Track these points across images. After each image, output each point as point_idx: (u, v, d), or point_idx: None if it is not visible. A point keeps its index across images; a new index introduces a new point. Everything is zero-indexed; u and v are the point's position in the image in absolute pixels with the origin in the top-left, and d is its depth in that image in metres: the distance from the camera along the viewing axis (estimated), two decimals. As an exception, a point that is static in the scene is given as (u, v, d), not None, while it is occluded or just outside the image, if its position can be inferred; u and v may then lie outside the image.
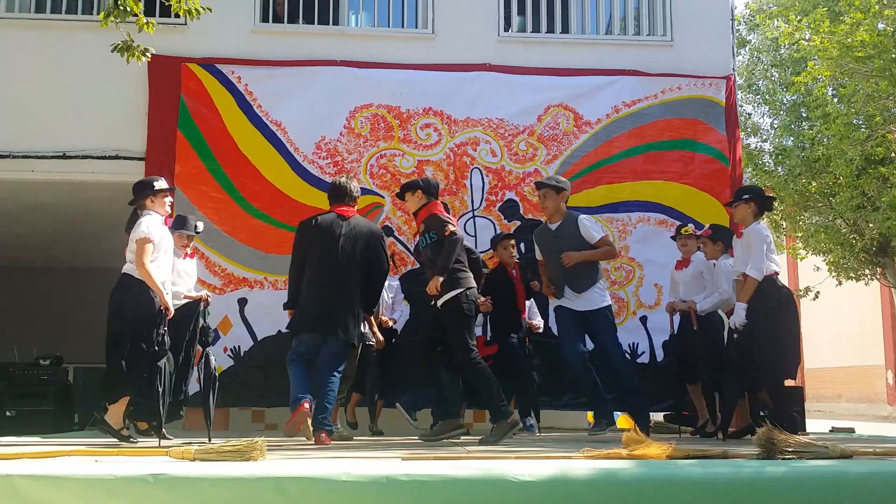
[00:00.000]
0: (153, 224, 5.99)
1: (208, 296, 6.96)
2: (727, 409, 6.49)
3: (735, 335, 6.29)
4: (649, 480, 3.87)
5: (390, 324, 7.81)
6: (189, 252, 7.14)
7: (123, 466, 3.90)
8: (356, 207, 6.45)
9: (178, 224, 6.96)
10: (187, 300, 6.78)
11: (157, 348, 5.87)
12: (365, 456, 4.70)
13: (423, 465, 3.96)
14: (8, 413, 9.96)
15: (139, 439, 6.01)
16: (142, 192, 6.12)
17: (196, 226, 7.18)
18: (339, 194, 6.34)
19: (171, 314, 6.08)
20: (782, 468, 4.01)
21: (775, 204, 10.67)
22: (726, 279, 6.98)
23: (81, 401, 10.55)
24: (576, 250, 6.69)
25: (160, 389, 5.87)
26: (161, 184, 6.20)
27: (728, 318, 6.91)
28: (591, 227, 6.85)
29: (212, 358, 6.64)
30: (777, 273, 6.25)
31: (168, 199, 6.28)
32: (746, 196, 6.42)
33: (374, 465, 3.92)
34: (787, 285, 6.36)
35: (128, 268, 5.97)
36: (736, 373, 6.32)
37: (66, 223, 11.04)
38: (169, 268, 6.18)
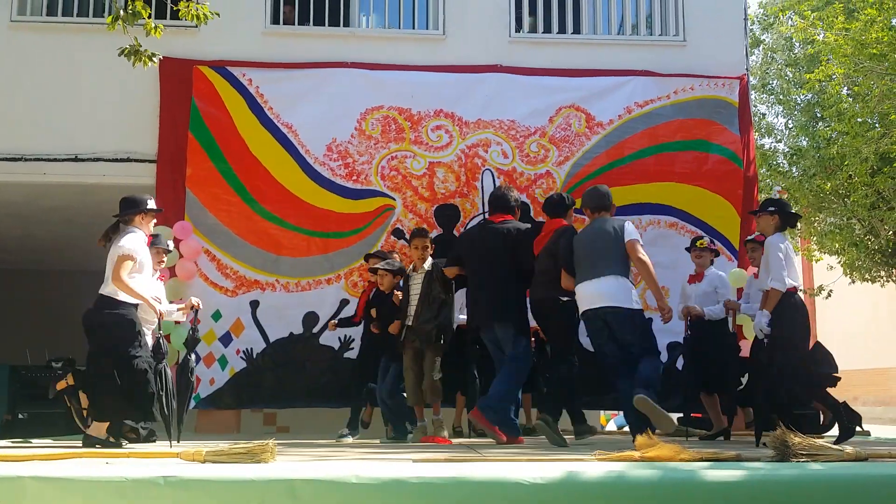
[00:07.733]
0: (138, 241, 5.97)
1: (198, 303, 6.89)
2: (761, 421, 6.27)
3: (764, 340, 6.23)
4: (662, 482, 3.82)
5: None
6: (161, 272, 7.12)
7: (134, 468, 3.89)
8: None
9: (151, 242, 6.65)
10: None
11: (151, 355, 5.90)
12: (376, 458, 4.68)
13: (433, 468, 3.93)
14: (20, 416, 9.99)
15: (127, 444, 5.95)
16: (133, 208, 6.06)
17: (168, 243, 7.29)
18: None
19: (164, 317, 6.30)
20: (796, 471, 3.96)
21: (799, 223, 10.59)
22: (722, 287, 7.36)
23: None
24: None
25: (163, 393, 5.88)
26: (153, 204, 6.18)
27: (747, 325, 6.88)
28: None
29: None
30: (795, 289, 6.17)
31: (154, 221, 6.30)
32: (772, 209, 6.36)
33: (384, 468, 3.90)
34: (803, 301, 6.28)
35: (106, 289, 5.86)
36: (766, 384, 6.18)
37: (78, 226, 11.06)
38: (150, 286, 6.19)
